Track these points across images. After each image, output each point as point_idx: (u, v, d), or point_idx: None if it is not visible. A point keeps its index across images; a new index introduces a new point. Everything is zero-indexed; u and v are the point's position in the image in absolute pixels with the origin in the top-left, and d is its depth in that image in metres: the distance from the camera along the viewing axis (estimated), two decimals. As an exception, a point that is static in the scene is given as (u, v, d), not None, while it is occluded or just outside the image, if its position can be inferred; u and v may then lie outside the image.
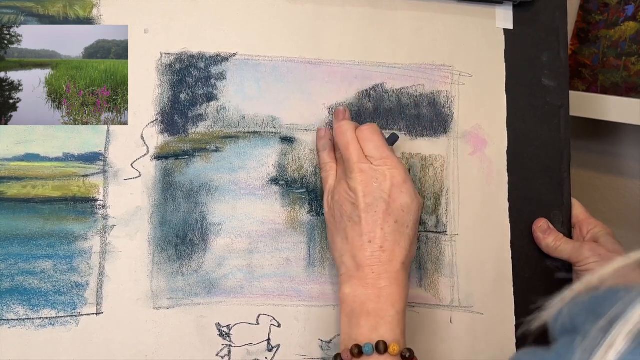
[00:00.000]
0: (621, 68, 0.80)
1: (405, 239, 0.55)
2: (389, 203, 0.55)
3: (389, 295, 0.53)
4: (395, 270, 0.54)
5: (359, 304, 0.53)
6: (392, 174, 0.55)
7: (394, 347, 0.51)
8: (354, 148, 0.57)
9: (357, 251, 0.54)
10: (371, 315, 0.52)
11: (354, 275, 0.54)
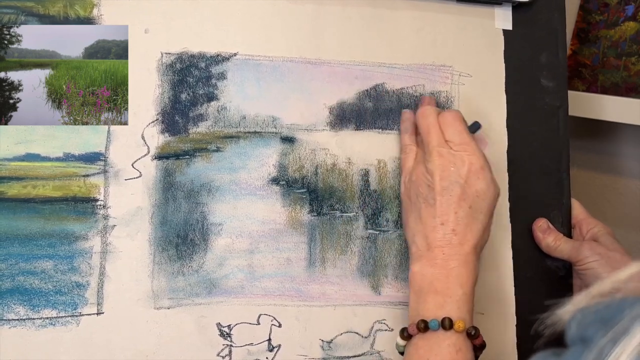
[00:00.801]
0: (621, 68, 0.80)
1: (478, 224, 0.56)
2: (464, 188, 0.56)
3: (458, 276, 0.54)
4: (465, 253, 0.55)
5: (427, 283, 0.54)
6: (471, 160, 0.56)
7: (459, 323, 0.52)
8: (434, 132, 0.58)
9: (429, 232, 0.55)
10: (439, 293, 0.54)
11: (424, 255, 0.56)
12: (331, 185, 0.64)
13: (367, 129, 0.65)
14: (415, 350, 0.53)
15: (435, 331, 0.52)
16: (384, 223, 0.65)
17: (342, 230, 0.64)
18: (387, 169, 0.65)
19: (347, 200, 0.64)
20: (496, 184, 0.58)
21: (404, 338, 0.55)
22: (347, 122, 0.65)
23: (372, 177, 0.65)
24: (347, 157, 0.65)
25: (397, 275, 0.64)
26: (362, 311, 0.63)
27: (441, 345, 0.52)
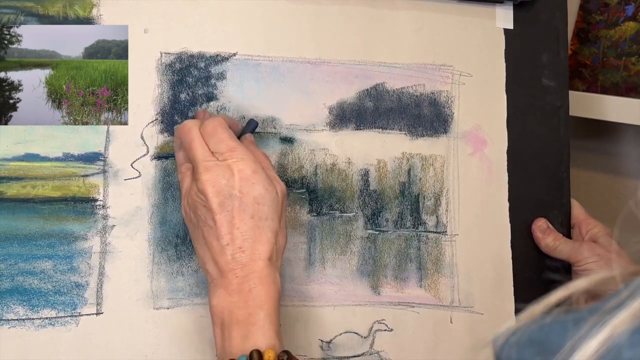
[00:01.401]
0: (621, 68, 0.80)
1: (267, 233, 0.51)
2: (240, 199, 0.50)
3: (255, 298, 0.49)
4: (259, 269, 0.50)
5: (227, 314, 0.50)
6: (239, 167, 0.51)
7: (269, 354, 0.48)
8: (197, 146, 0.52)
9: (218, 256, 0.50)
10: (241, 323, 0.49)
11: (219, 283, 0.51)
12: (331, 185, 0.64)
13: (367, 129, 0.65)
14: None
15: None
16: (383, 223, 0.65)
17: (342, 230, 0.64)
18: (387, 168, 0.65)
19: (347, 200, 0.64)
20: (276, 184, 0.53)
21: None
22: (347, 122, 0.65)
23: (371, 177, 0.65)
24: (346, 157, 0.64)
25: (396, 276, 0.64)
26: (362, 311, 0.63)
27: None
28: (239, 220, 0.50)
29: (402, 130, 0.66)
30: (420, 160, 0.66)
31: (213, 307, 0.50)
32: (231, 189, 0.51)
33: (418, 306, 0.65)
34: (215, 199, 0.50)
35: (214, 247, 0.51)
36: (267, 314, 0.50)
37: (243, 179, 0.51)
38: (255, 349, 0.48)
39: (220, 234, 0.50)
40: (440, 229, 0.66)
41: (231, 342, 0.49)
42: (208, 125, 0.53)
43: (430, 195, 0.66)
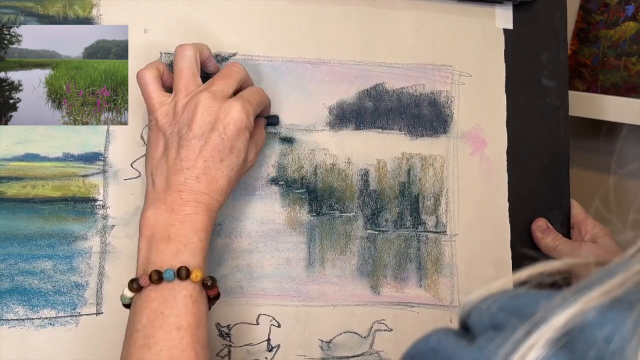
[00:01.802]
0: (621, 68, 0.80)
1: (225, 180, 0.52)
2: (223, 139, 0.52)
3: (193, 222, 0.50)
4: (204, 201, 0.51)
5: (160, 228, 0.50)
6: (239, 115, 0.52)
7: (196, 273, 0.48)
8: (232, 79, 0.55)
9: (172, 174, 0.51)
10: (172, 240, 0.50)
11: (160, 197, 0.51)
12: (330, 185, 0.64)
13: (367, 129, 0.65)
14: (148, 303, 0.48)
15: (171, 282, 0.48)
16: (383, 223, 0.65)
17: (342, 230, 0.64)
18: (386, 168, 0.65)
19: (347, 200, 0.64)
20: (252, 155, 0.56)
21: (133, 290, 0.49)
22: (346, 122, 0.65)
23: (371, 177, 0.65)
24: (346, 157, 0.64)
25: (396, 276, 0.64)
26: (362, 311, 0.63)
27: (177, 297, 0.48)
28: (210, 155, 0.51)
29: (401, 130, 0.66)
30: (420, 160, 0.66)
31: (146, 218, 0.51)
32: (222, 127, 0.52)
33: (418, 306, 0.65)
34: (202, 126, 0.51)
35: (175, 164, 0.51)
36: (200, 239, 0.50)
37: (235, 124, 0.52)
38: (184, 265, 0.49)
39: (186, 156, 0.51)
40: (440, 229, 0.66)
41: (159, 255, 0.49)
42: (253, 86, 0.58)
43: (430, 195, 0.66)
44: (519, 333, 0.28)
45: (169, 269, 0.48)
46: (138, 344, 0.47)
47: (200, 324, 0.49)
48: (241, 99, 0.54)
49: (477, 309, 0.32)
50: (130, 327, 0.49)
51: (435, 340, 0.32)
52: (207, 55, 0.57)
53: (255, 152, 0.57)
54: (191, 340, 0.47)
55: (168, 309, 0.48)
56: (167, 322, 0.47)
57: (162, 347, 0.46)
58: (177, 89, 0.53)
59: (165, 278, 0.48)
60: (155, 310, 0.48)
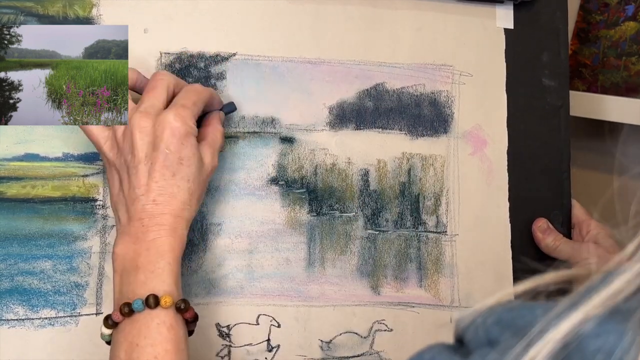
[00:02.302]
0: (621, 68, 0.80)
1: (184, 193, 0.51)
2: (167, 155, 0.50)
3: (158, 247, 0.49)
4: (167, 222, 0.50)
5: (129, 260, 0.50)
6: (176, 125, 0.51)
7: (165, 299, 0.48)
8: (157, 92, 0.53)
9: (130, 204, 0.51)
10: (140, 269, 0.49)
11: (126, 230, 0.51)
12: (331, 185, 0.64)
13: (367, 129, 0.65)
14: (124, 337, 0.48)
15: (141, 312, 0.47)
16: (383, 223, 0.65)
17: (342, 230, 0.64)
18: (387, 168, 0.65)
19: (347, 200, 0.64)
20: (209, 157, 0.54)
21: (109, 327, 0.49)
22: (347, 122, 0.65)
23: (371, 177, 0.65)
24: (346, 157, 0.64)
25: (396, 276, 0.64)
26: (362, 311, 0.63)
27: (150, 326, 0.47)
28: (160, 175, 0.50)
29: (402, 130, 0.66)
30: (420, 160, 0.66)
31: (115, 253, 0.50)
32: (160, 143, 0.50)
33: (418, 306, 0.65)
34: (144, 148, 0.50)
35: (130, 194, 0.51)
36: (167, 262, 0.50)
37: (174, 136, 0.51)
38: (152, 293, 0.48)
39: (138, 184, 0.50)
40: (440, 229, 0.66)
41: (129, 287, 0.49)
42: (187, 86, 0.55)
43: (430, 195, 0.66)
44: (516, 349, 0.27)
45: (137, 299, 0.48)
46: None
47: (179, 350, 0.48)
48: (173, 107, 0.52)
49: (472, 324, 0.32)
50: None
51: (428, 357, 0.32)
52: (134, 79, 0.56)
53: (212, 152, 0.55)
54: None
55: (142, 340, 0.47)
56: (143, 353, 0.47)
57: None
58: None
59: (135, 309, 0.47)
60: (131, 343, 0.47)
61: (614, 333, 0.26)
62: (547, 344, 0.27)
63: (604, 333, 0.26)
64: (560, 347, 0.27)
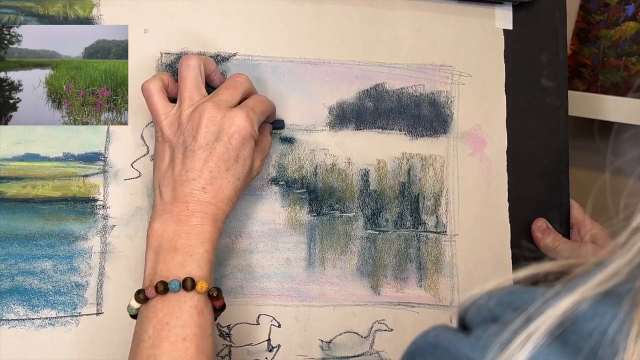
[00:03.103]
0: (621, 68, 0.80)
1: (231, 189, 0.53)
2: (227, 149, 0.52)
3: (199, 234, 0.51)
4: (212, 212, 0.52)
5: (167, 240, 0.51)
6: (243, 124, 0.52)
7: (202, 284, 0.49)
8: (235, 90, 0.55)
9: (179, 185, 0.51)
10: (179, 251, 0.50)
11: (167, 209, 0.51)
12: (331, 185, 0.64)
13: (367, 129, 0.65)
14: (154, 313, 0.49)
15: (176, 293, 0.49)
16: (383, 223, 0.65)
17: (342, 230, 0.64)
18: (387, 169, 0.65)
19: (347, 200, 0.64)
20: (259, 160, 0.57)
21: (140, 301, 0.50)
22: (346, 122, 0.65)
23: (371, 177, 0.65)
24: (346, 157, 0.65)
25: (396, 276, 0.64)
26: (362, 311, 0.63)
27: (182, 308, 0.48)
28: (215, 165, 0.52)
29: (402, 130, 0.66)
30: (420, 160, 0.66)
31: (154, 229, 0.51)
32: (224, 135, 0.52)
33: (418, 306, 0.65)
34: (207, 136, 0.52)
35: (181, 175, 0.52)
36: (206, 250, 0.51)
37: (239, 134, 0.52)
38: (189, 276, 0.49)
39: (192, 167, 0.51)
40: (440, 229, 0.66)
41: (166, 266, 0.50)
42: (257, 95, 0.58)
43: (430, 195, 0.66)
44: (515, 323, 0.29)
45: (174, 279, 0.49)
46: (144, 354, 0.47)
47: (205, 335, 0.49)
48: (245, 108, 0.54)
49: (474, 306, 0.33)
50: (137, 338, 0.49)
51: (433, 335, 0.33)
52: (212, 69, 0.57)
53: (262, 159, 0.58)
54: (196, 351, 0.48)
55: (174, 320, 0.48)
56: (172, 332, 0.48)
57: (168, 357, 0.47)
58: (182, 99, 0.54)
59: (171, 289, 0.48)
60: (161, 320, 0.48)
61: (607, 314, 0.27)
62: (546, 320, 0.28)
63: (598, 314, 0.28)
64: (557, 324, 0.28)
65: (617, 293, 0.28)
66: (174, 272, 0.49)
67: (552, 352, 0.27)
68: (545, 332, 0.28)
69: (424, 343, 0.33)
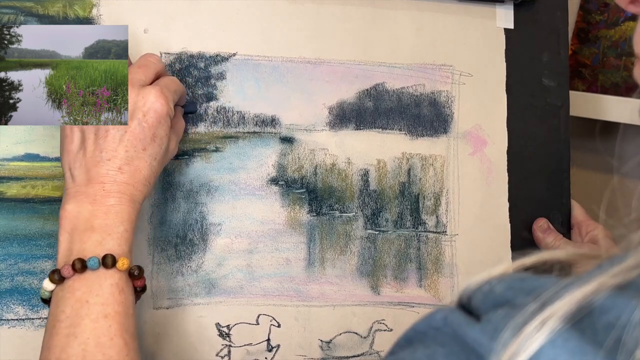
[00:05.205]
0: (621, 68, 0.80)
1: (148, 170, 0.51)
2: (143, 128, 0.50)
3: (118, 213, 0.49)
4: (129, 192, 0.50)
5: (83, 220, 0.48)
6: (160, 102, 0.51)
7: (123, 261, 0.47)
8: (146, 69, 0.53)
9: (92, 166, 0.49)
10: (97, 230, 0.48)
11: (81, 190, 0.49)
12: (330, 185, 0.64)
13: (367, 129, 0.65)
14: (71, 293, 0.46)
15: (95, 270, 0.46)
16: (383, 223, 0.65)
17: (342, 230, 0.64)
18: (386, 168, 0.65)
19: (347, 200, 0.64)
20: (174, 142, 0.55)
21: (55, 282, 0.47)
22: (346, 122, 0.65)
23: (371, 177, 0.65)
24: (346, 157, 0.64)
25: (396, 276, 0.64)
26: (361, 311, 0.63)
27: (102, 285, 0.46)
28: (131, 144, 0.50)
29: (402, 130, 0.66)
30: (420, 160, 0.66)
31: (67, 211, 0.49)
32: (139, 113, 0.51)
33: (418, 306, 0.65)
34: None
35: (94, 156, 0.50)
36: (125, 229, 0.49)
37: (155, 112, 0.51)
38: (109, 253, 0.47)
39: (106, 147, 0.50)
40: (440, 229, 0.66)
41: (82, 245, 0.48)
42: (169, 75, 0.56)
43: (430, 195, 0.66)
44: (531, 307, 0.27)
45: (93, 256, 0.46)
46: (62, 333, 0.45)
47: (127, 314, 0.47)
48: (159, 86, 0.52)
49: (479, 291, 0.32)
50: (52, 319, 0.46)
51: (439, 318, 0.31)
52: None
53: (176, 141, 0.56)
54: (119, 328, 0.46)
55: (93, 297, 0.46)
56: (93, 310, 0.46)
57: (89, 335, 0.45)
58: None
59: (89, 266, 0.46)
60: (79, 299, 0.46)
61: (625, 307, 0.26)
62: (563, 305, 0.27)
63: (616, 306, 0.27)
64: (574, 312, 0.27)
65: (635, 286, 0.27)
66: (93, 250, 0.47)
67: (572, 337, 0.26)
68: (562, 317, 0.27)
69: (427, 326, 0.32)
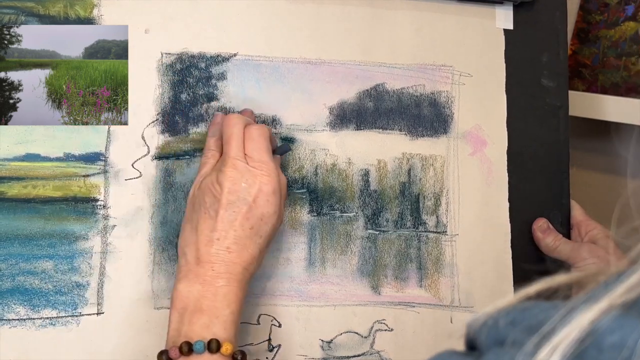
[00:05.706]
0: (621, 68, 0.80)
1: (255, 248, 0.53)
2: (251, 207, 0.52)
3: (225, 295, 0.50)
4: (236, 272, 0.51)
5: (193, 301, 0.50)
6: (263, 181, 0.53)
7: (227, 346, 0.48)
8: (235, 142, 0.54)
9: (203, 245, 0.52)
10: (205, 313, 0.50)
11: (192, 270, 0.51)
12: (331, 185, 0.64)
13: (368, 129, 0.65)
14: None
15: (200, 354, 0.48)
16: (383, 223, 0.65)
17: (342, 230, 0.64)
18: (387, 169, 0.65)
19: (347, 200, 0.64)
20: (282, 214, 0.56)
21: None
22: (347, 122, 0.65)
23: (372, 177, 0.65)
24: (347, 157, 0.65)
25: (397, 275, 0.64)
26: (362, 311, 0.63)
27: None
28: (239, 225, 0.52)
29: (402, 130, 0.66)
30: (420, 160, 0.66)
31: (179, 291, 0.51)
32: (247, 195, 0.52)
33: (418, 306, 0.65)
34: (228, 196, 0.52)
35: (204, 235, 0.52)
36: (232, 312, 0.50)
37: (262, 192, 0.53)
38: (214, 337, 0.48)
39: (215, 227, 0.52)
40: (440, 229, 0.66)
41: (191, 327, 0.49)
42: (253, 130, 0.55)
43: (430, 195, 0.66)
44: (528, 346, 0.27)
45: (199, 340, 0.48)
46: None
47: None
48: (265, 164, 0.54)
49: (484, 326, 0.32)
50: None
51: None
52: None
53: (283, 203, 0.57)
54: None
55: None
56: None
57: None
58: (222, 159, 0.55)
59: (195, 350, 0.48)
60: None
61: (630, 328, 0.26)
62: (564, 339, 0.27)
63: (620, 328, 0.26)
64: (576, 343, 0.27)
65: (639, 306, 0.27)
66: (199, 333, 0.49)
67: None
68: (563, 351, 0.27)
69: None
